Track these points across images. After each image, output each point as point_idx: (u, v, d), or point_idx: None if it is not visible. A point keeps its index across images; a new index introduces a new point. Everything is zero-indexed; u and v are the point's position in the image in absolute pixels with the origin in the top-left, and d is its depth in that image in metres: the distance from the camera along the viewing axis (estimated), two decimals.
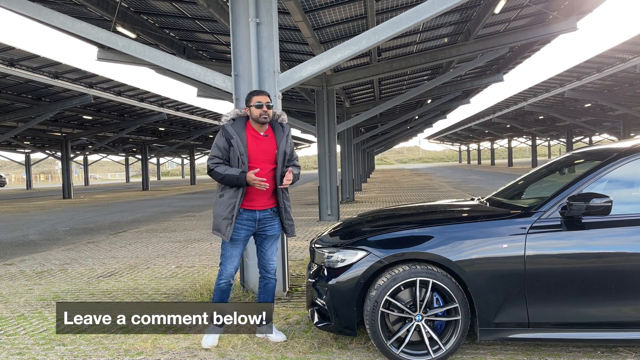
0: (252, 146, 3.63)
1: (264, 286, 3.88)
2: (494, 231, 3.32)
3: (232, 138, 3.58)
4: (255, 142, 3.66)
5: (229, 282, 3.77)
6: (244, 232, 3.70)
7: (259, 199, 3.67)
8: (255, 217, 3.69)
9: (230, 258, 3.73)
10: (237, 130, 3.62)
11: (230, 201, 3.58)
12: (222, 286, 3.76)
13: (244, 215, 3.66)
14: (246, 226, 3.69)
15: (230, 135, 3.60)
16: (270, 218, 3.75)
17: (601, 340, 3.29)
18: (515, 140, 58.95)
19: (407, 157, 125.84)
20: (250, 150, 3.61)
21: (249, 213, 3.67)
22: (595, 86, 21.54)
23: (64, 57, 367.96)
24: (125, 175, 60.92)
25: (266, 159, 3.65)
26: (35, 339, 4.06)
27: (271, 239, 3.82)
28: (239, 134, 3.60)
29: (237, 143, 3.57)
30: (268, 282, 3.87)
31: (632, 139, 7.06)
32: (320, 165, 12.51)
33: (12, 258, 8.32)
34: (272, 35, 5.00)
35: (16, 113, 19.15)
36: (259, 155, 3.63)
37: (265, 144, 3.68)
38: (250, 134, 3.66)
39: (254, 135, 3.67)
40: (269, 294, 3.88)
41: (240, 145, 3.57)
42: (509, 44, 11.41)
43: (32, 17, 5.77)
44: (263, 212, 3.71)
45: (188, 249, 8.33)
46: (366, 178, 33.88)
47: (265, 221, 3.74)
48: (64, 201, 25.15)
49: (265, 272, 3.86)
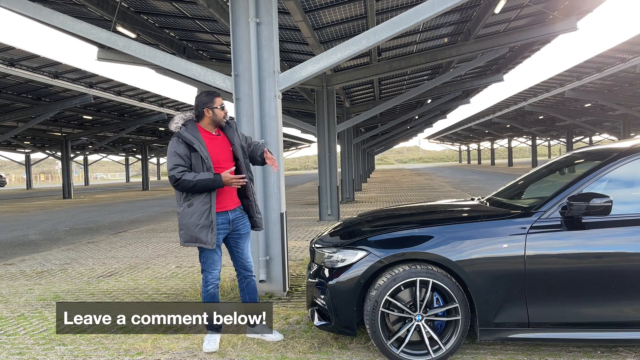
0: (210, 147, 3.56)
1: (246, 286, 3.85)
2: (494, 231, 3.32)
3: (194, 143, 3.47)
4: (212, 142, 3.60)
5: (217, 285, 3.75)
6: (222, 235, 3.65)
7: (227, 198, 3.64)
8: (229, 219, 3.65)
9: (213, 264, 3.67)
10: (194, 134, 3.52)
11: (204, 207, 3.46)
12: (211, 291, 3.71)
13: (219, 219, 3.58)
14: (223, 229, 3.63)
15: (190, 140, 3.47)
16: (241, 216, 3.74)
17: (601, 340, 3.29)
18: (515, 140, 58.94)
19: (407, 157, 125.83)
20: (210, 152, 3.53)
21: (223, 216, 3.61)
22: (595, 86, 21.53)
23: (64, 57, 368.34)
24: (125, 175, 60.90)
25: (225, 157, 3.62)
26: (35, 339, 4.06)
27: (245, 237, 3.80)
28: (197, 138, 3.51)
29: (199, 147, 3.47)
30: (250, 281, 3.85)
31: (632, 139, 7.06)
32: (320, 165, 12.51)
33: (12, 258, 8.32)
34: (272, 35, 5.00)
35: (16, 113, 19.14)
36: (219, 155, 3.58)
37: (220, 143, 3.65)
38: (205, 136, 3.60)
39: (209, 137, 3.62)
40: (253, 292, 3.86)
41: (203, 149, 3.48)
42: (509, 44, 11.41)
43: (32, 17, 5.76)
44: (234, 212, 3.69)
45: (188, 249, 8.32)
46: (366, 178, 33.88)
47: (237, 220, 3.71)
48: (64, 201, 25.15)
49: (246, 271, 3.83)
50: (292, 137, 43.00)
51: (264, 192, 5.12)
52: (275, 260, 5.13)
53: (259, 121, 5.01)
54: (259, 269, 5.06)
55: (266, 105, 5.04)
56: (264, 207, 5.11)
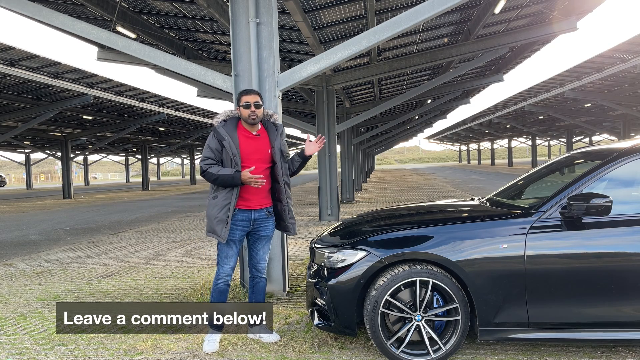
0: (245, 146, 3.63)
1: (254, 285, 3.90)
2: (494, 231, 3.32)
3: (224, 139, 3.58)
4: (248, 141, 3.66)
5: (227, 282, 3.77)
6: (239, 232, 3.69)
7: (254, 198, 3.66)
8: (250, 218, 3.69)
9: (227, 258, 3.72)
10: (229, 131, 3.62)
11: (225, 202, 3.56)
12: (220, 287, 3.75)
13: (239, 216, 3.65)
14: (241, 226, 3.68)
15: (222, 136, 3.59)
16: (265, 218, 3.75)
17: (601, 340, 3.29)
18: (515, 140, 58.93)
19: (407, 157, 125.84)
20: (243, 150, 3.60)
21: (244, 213, 3.66)
22: (595, 86, 21.54)
23: (64, 57, 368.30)
24: (125, 175, 60.90)
25: (260, 158, 3.65)
26: (35, 339, 4.06)
27: (264, 240, 3.82)
28: (231, 135, 3.60)
29: (229, 144, 3.57)
30: (259, 281, 3.89)
31: (632, 139, 7.05)
32: (320, 165, 12.51)
33: (12, 258, 8.32)
34: (272, 35, 5.00)
35: (16, 113, 19.15)
36: (253, 154, 3.63)
37: (258, 143, 3.68)
38: (242, 134, 3.66)
39: (246, 136, 3.67)
40: (260, 293, 3.89)
41: (233, 146, 3.57)
42: (509, 44, 11.41)
43: (32, 17, 5.77)
44: (258, 212, 3.71)
45: (188, 249, 8.33)
46: (366, 178, 33.88)
47: (260, 221, 3.73)
48: (64, 201, 25.15)
49: (256, 272, 3.88)
50: (292, 137, 43.00)
51: None
52: (275, 261, 5.13)
53: None
54: None
55: (266, 105, 5.01)
56: None
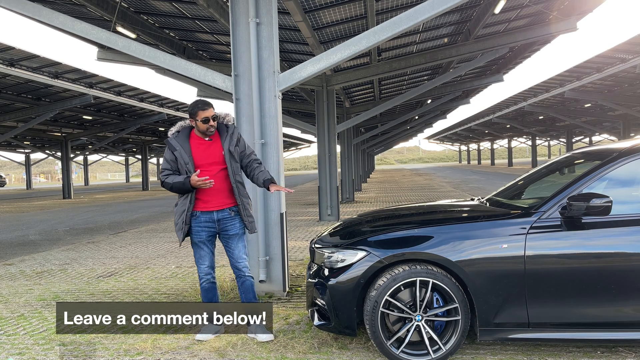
0: (197, 152, 3.79)
1: (241, 285, 3.97)
2: (494, 231, 3.32)
3: (175, 149, 3.78)
4: (200, 148, 3.82)
5: (209, 280, 3.92)
6: (205, 233, 3.84)
7: (213, 199, 3.80)
8: (214, 218, 3.83)
9: (201, 259, 3.90)
10: (181, 141, 3.80)
11: (182, 209, 3.78)
12: (204, 285, 3.93)
13: (202, 218, 3.81)
14: (206, 227, 3.83)
15: (173, 147, 3.79)
16: (230, 218, 3.86)
17: (601, 340, 3.29)
18: (515, 140, 58.92)
19: (407, 157, 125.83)
20: (196, 157, 3.77)
21: (206, 215, 3.81)
22: (595, 86, 21.53)
23: (64, 57, 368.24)
24: (125, 175, 60.88)
25: (213, 161, 3.81)
26: (35, 339, 4.06)
27: (234, 238, 3.90)
28: (182, 145, 3.78)
29: (180, 154, 3.75)
30: (244, 280, 3.95)
31: (632, 139, 7.06)
32: (320, 166, 12.50)
33: (12, 258, 8.32)
34: (272, 35, 4.99)
35: (16, 113, 19.14)
36: (205, 159, 3.79)
37: (211, 148, 3.83)
38: (194, 142, 3.83)
39: (198, 142, 3.84)
40: (248, 292, 3.94)
41: (184, 155, 3.75)
42: (508, 44, 11.41)
43: (32, 17, 5.76)
44: (221, 212, 3.83)
45: (188, 249, 8.28)
46: (366, 178, 33.87)
47: (225, 221, 3.85)
48: (63, 201, 25.15)
49: (238, 271, 3.95)
50: (292, 137, 43.00)
51: (264, 192, 5.12)
52: (275, 261, 5.13)
53: (259, 121, 5.01)
54: (258, 269, 5.06)
55: (266, 106, 5.04)
56: (263, 207, 5.11)
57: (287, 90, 6.49)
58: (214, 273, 3.95)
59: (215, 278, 3.98)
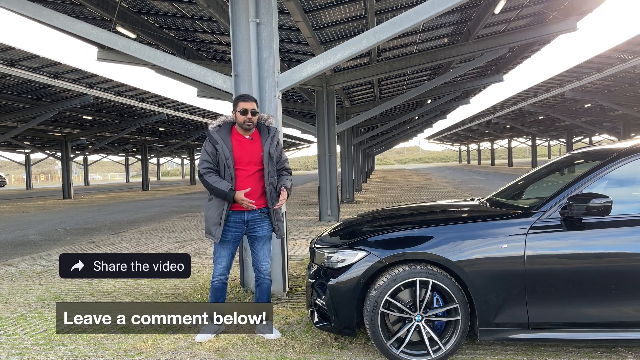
0: (237, 149, 3.78)
1: (258, 286, 4.00)
2: (494, 231, 3.32)
3: (217, 143, 3.75)
4: (240, 145, 3.81)
5: (222, 280, 3.92)
6: (232, 233, 3.82)
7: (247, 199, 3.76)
8: (244, 219, 3.81)
9: (220, 258, 3.89)
10: (222, 136, 3.78)
11: (219, 204, 3.73)
12: (215, 284, 3.91)
13: (232, 217, 3.79)
14: (234, 228, 3.81)
15: (215, 141, 3.76)
16: (259, 219, 3.85)
17: (601, 340, 3.29)
18: (515, 140, 58.92)
19: (407, 158, 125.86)
20: (236, 154, 3.76)
21: (237, 215, 3.80)
22: (595, 86, 21.54)
23: (64, 57, 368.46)
24: (125, 176, 60.87)
25: (251, 160, 3.79)
26: (35, 339, 4.06)
27: (261, 240, 3.90)
28: (224, 140, 3.77)
29: (222, 148, 3.73)
30: (262, 283, 3.97)
31: (632, 139, 7.06)
32: (320, 166, 12.50)
33: (12, 258, 8.32)
34: (272, 35, 5.00)
35: (16, 113, 19.14)
36: (244, 157, 3.78)
37: (250, 147, 3.82)
38: (235, 139, 3.82)
39: (239, 140, 3.83)
40: (263, 294, 3.97)
41: (225, 150, 3.73)
42: (508, 44, 11.41)
43: (32, 17, 5.76)
44: (251, 214, 3.82)
45: (188, 249, 8.32)
46: (366, 178, 33.88)
47: (254, 223, 3.85)
48: (64, 201, 25.14)
49: (259, 273, 3.97)
50: (292, 138, 43.01)
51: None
52: (275, 261, 5.12)
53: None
54: None
55: (266, 106, 5.04)
56: None
57: (287, 91, 6.49)
58: (228, 275, 3.96)
59: (227, 279, 3.99)
